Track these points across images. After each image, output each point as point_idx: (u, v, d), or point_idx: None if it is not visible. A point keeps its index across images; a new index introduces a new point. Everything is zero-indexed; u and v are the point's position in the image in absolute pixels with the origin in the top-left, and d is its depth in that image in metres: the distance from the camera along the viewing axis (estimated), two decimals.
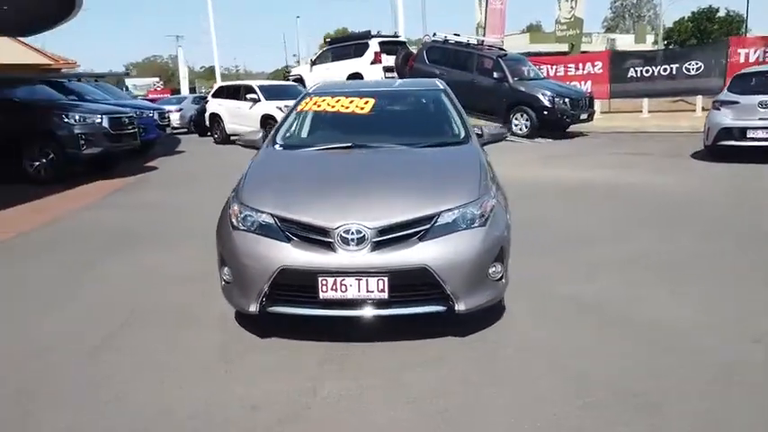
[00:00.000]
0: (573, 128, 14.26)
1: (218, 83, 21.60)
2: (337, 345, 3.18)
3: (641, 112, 16.73)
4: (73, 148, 9.25)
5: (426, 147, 3.93)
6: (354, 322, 3.17)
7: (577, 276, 4.23)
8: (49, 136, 9.22)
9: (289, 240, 3.09)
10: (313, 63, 18.12)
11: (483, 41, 14.56)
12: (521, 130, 13.51)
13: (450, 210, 3.15)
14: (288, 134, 4.24)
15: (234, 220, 3.26)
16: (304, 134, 4.34)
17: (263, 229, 3.15)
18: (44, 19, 21.91)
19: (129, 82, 47.25)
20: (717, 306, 3.62)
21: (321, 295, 3.01)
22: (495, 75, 13.62)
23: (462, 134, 4.09)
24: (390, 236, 3.04)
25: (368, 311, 3.05)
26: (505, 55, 14.17)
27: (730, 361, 2.91)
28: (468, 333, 3.29)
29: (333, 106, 4.37)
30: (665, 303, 3.67)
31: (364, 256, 2.99)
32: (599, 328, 3.34)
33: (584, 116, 13.69)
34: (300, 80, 18.26)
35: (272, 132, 4.24)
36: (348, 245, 3.00)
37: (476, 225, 3.17)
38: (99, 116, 9.60)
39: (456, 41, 14.88)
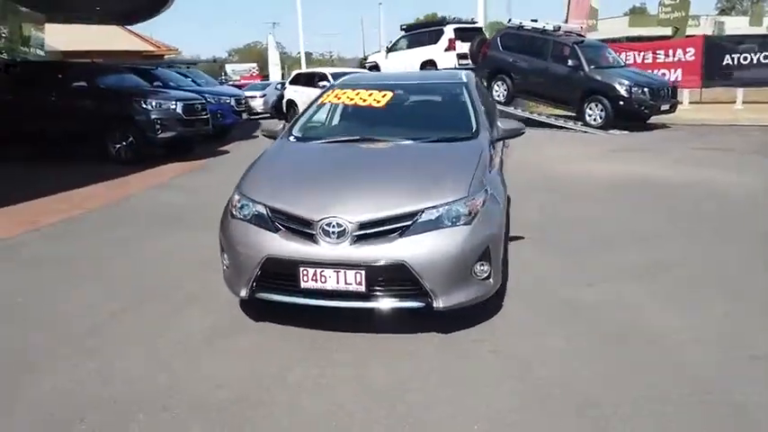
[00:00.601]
0: (656, 119, 13.48)
1: (303, 69, 22.24)
2: (323, 333, 3.30)
3: (735, 103, 15.47)
4: (150, 132, 9.93)
5: (433, 142, 3.93)
6: (347, 313, 3.26)
7: (591, 281, 4.08)
8: (129, 120, 9.95)
9: (277, 230, 3.23)
10: (389, 50, 18.20)
11: (559, 27, 13.97)
12: (595, 120, 12.94)
13: (433, 207, 3.17)
14: (304, 126, 4.38)
15: (232, 209, 3.45)
16: (319, 126, 4.46)
17: (257, 219, 3.32)
18: (143, 9, 23.61)
19: (228, 68, 49.58)
20: (731, 331, 3.40)
21: (302, 285, 3.14)
22: (570, 62, 13.08)
23: (473, 129, 4.04)
24: (371, 231, 3.11)
25: (346, 303, 3.14)
26: (582, 41, 13.55)
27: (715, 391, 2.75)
28: (452, 330, 3.30)
29: (351, 99, 4.46)
30: (677, 322, 3.44)
31: (344, 250, 3.08)
32: (587, 339, 3.23)
33: (665, 107, 12.88)
34: (376, 67, 18.42)
35: (290, 124, 4.40)
36: (329, 237, 3.10)
37: (461, 223, 3.18)
38: (174, 102, 10.23)
39: (531, 28, 14.41)
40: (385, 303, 3.14)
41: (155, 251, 4.99)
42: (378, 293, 3.12)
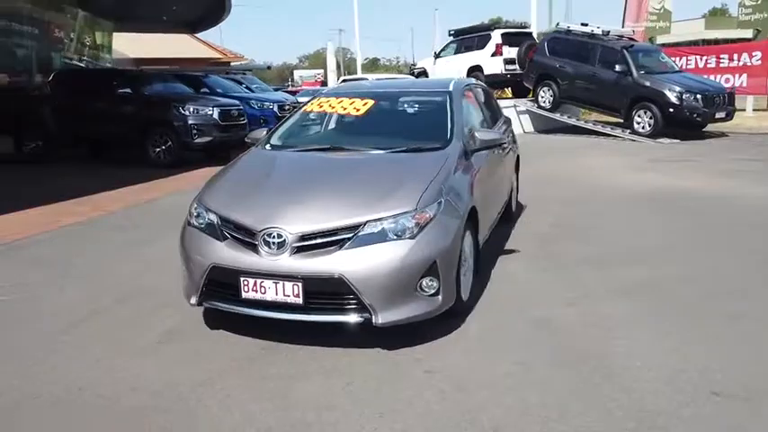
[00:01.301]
0: (714, 127, 12.73)
1: (349, 76, 22.43)
2: (270, 344, 3.26)
3: None
4: (187, 137, 10.27)
5: (401, 152, 3.83)
6: (300, 324, 3.19)
7: (573, 300, 3.86)
8: (168, 125, 10.33)
9: (224, 239, 3.24)
10: (436, 56, 18.07)
11: (609, 32, 13.42)
12: (643, 128, 12.34)
13: (377, 220, 3.08)
14: (282, 134, 4.38)
15: (189, 217, 3.48)
16: (296, 135, 4.43)
17: (208, 228, 3.34)
18: (205, 18, 24.70)
19: (296, 74, 50.67)
20: (704, 364, 3.12)
21: (243, 295, 3.12)
22: (618, 67, 12.52)
23: (446, 139, 3.91)
24: (311, 242, 3.06)
25: (285, 315, 3.11)
26: (632, 46, 12.94)
27: None
28: (399, 346, 3.19)
29: (333, 107, 4.43)
30: (646, 351, 3.18)
31: (283, 261, 3.04)
32: (542, 364, 3.04)
33: (720, 115, 12.11)
34: (424, 73, 18.32)
35: (270, 132, 4.42)
36: (269, 248, 3.08)
37: (406, 236, 3.08)
38: (211, 108, 10.54)
39: (580, 32, 13.92)
40: (323, 317, 3.09)
41: (156, 254, 5.11)
42: (316, 306, 3.07)
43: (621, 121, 13.20)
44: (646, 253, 4.84)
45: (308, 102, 4.67)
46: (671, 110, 11.80)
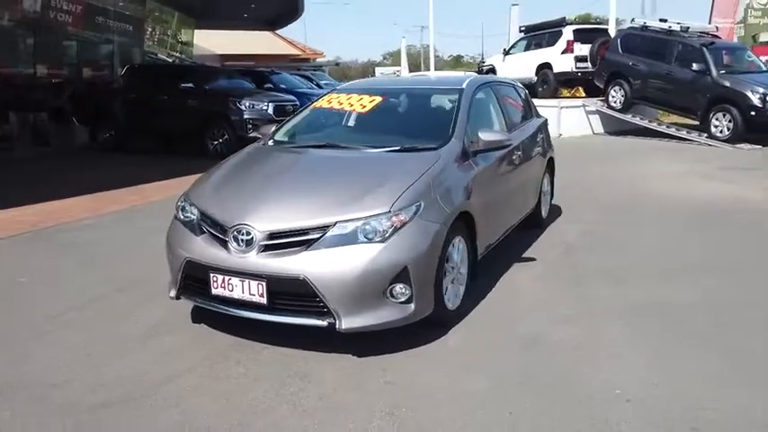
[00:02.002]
0: None
1: (420, 72, 22.26)
2: (245, 342, 3.24)
3: None
4: (242, 131, 10.54)
5: (394, 151, 3.69)
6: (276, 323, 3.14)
7: (573, 317, 3.59)
8: (225, 119, 10.66)
9: (201, 234, 3.24)
10: (506, 53, 17.55)
11: (688, 28, 12.48)
12: (721, 132, 11.42)
13: (347, 221, 2.98)
14: (287, 130, 4.34)
15: (176, 210, 3.52)
16: (299, 131, 4.38)
17: (190, 222, 3.35)
18: (282, 16, 25.48)
19: (378, 70, 51.28)
20: (689, 395, 2.79)
21: (212, 291, 3.11)
22: (696, 66, 11.63)
23: (443, 139, 3.72)
24: (279, 241, 3.00)
25: (250, 314, 3.06)
26: (712, 43, 11.98)
27: None
28: (369, 354, 3.08)
29: (341, 104, 4.34)
30: (630, 377, 2.92)
31: (249, 259, 3.00)
32: (514, 384, 2.83)
33: None
34: (492, 70, 17.86)
35: (276, 127, 4.39)
36: (239, 245, 3.04)
37: (376, 239, 2.95)
38: (266, 103, 10.78)
39: (657, 28, 13.06)
40: (287, 318, 3.02)
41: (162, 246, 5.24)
42: (280, 307, 3.01)
43: (698, 124, 12.29)
44: (674, 272, 4.43)
45: (320, 98, 4.61)
46: (752, 113, 10.84)
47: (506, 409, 2.59)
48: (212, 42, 28.49)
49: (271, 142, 4.22)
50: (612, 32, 15.28)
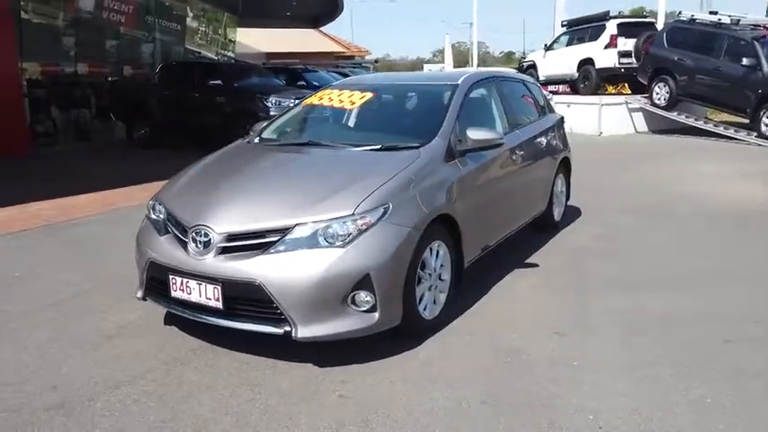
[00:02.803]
0: None
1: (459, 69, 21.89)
2: (208, 347, 3.12)
3: None
4: None
5: (373, 150, 3.49)
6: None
7: (560, 329, 3.33)
8: (252, 116, 10.64)
9: (165, 234, 3.14)
10: (547, 48, 16.99)
11: (739, 20, 11.71)
12: None
13: (307, 223, 2.81)
14: (274, 127, 4.21)
15: (147, 210, 3.43)
16: (286, 128, 4.23)
17: (157, 222, 3.26)
18: (323, 14, 25.66)
19: (426, 67, 51.00)
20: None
21: (172, 293, 3.01)
22: (746, 61, 10.90)
23: (427, 138, 3.50)
24: (237, 243, 2.86)
25: (207, 319, 2.94)
26: (765, 37, 11.19)
27: None
28: (330, 364, 2.91)
29: (331, 100, 4.17)
30: (619, 402, 2.66)
31: (207, 261, 2.88)
32: (479, 403, 2.61)
33: None
34: (533, 66, 17.36)
35: (266, 124, 4.27)
36: (197, 246, 2.93)
37: (337, 244, 2.77)
38: (292, 100, 10.70)
39: (706, 21, 12.32)
40: (243, 325, 2.87)
41: None
42: (237, 312, 2.87)
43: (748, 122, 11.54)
44: (690, 281, 4.08)
45: (312, 94, 4.46)
46: None
47: (458, 430, 2.37)
48: (259, 40, 28.88)
49: (257, 140, 4.09)
50: (660, 27, 14.56)
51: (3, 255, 4.97)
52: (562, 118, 5.64)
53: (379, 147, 3.50)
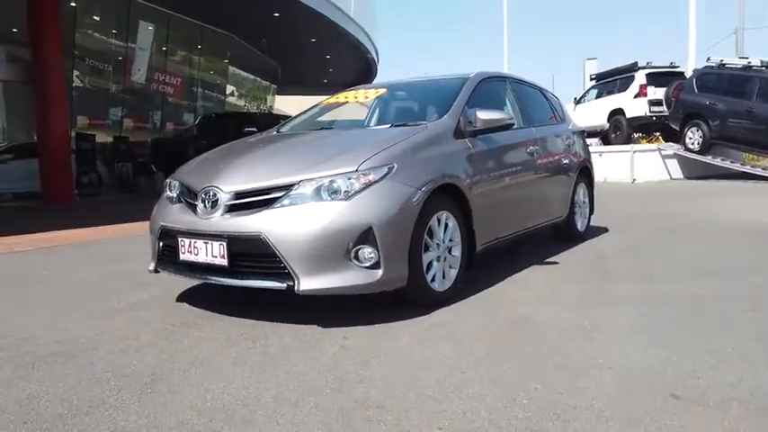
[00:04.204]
0: None
1: None
2: (213, 315, 3.11)
3: None
4: None
5: (381, 127, 3.55)
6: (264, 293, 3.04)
7: (573, 305, 3.21)
8: None
9: (178, 203, 3.22)
10: (577, 102, 17.16)
11: None
12: None
13: (311, 179, 2.85)
14: (292, 124, 4.32)
15: (164, 188, 3.54)
16: (302, 122, 4.33)
17: (171, 197, 3.34)
18: (357, 80, 26.82)
19: None
20: None
21: (180, 257, 3.04)
22: None
23: (435, 117, 3.55)
24: (243, 201, 2.91)
25: (214, 279, 2.95)
26: None
27: None
28: (335, 325, 2.85)
29: (347, 97, 4.31)
30: (629, 354, 2.53)
31: (214, 220, 2.92)
32: (486, 351, 2.51)
33: None
34: None
35: (283, 122, 4.40)
36: (205, 206, 2.98)
37: (339, 198, 2.79)
38: None
39: (737, 65, 12.32)
40: (248, 281, 2.87)
41: None
42: (242, 270, 2.87)
43: None
44: (716, 273, 3.90)
45: (330, 96, 4.61)
46: None
47: (459, 370, 2.27)
48: (297, 109, 30.12)
49: (274, 132, 4.22)
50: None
51: (36, 261, 5.13)
52: (582, 131, 5.64)
53: (388, 126, 3.57)
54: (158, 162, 13.54)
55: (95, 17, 15.13)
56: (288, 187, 2.86)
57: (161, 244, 3.22)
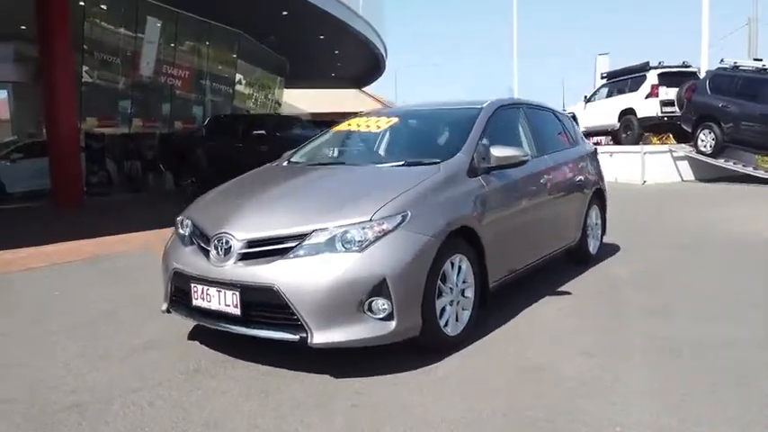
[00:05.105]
0: None
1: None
2: (225, 358, 3.11)
3: None
4: None
5: (395, 165, 3.53)
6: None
7: (589, 350, 3.18)
8: None
9: (190, 245, 3.21)
10: (587, 100, 16.98)
11: None
12: None
13: (324, 229, 2.83)
14: (304, 152, 4.29)
15: (175, 226, 3.52)
16: (314, 152, 4.30)
17: (183, 236, 3.33)
18: (365, 74, 26.70)
19: None
20: None
21: (193, 302, 3.04)
22: None
23: (449, 154, 3.51)
24: (256, 249, 2.90)
25: (227, 327, 2.94)
26: None
27: None
28: (348, 375, 2.84)
29: (359, 126, 4.27)
30: (645, 422, 2.50)
31: (227, 268, 2.91)
32: (495, 415, 2.49)
33: None
34: (573, 118, 17.31)
35: (294, 150, 4.37)
36: (218, 253, 2.97)
37: (353, 249, 2.77)
38: None
39: (750, 67, 12.15)
40: (261, 332, 2.87)
41: None
42: (254, 319, 2.87)
43: None
44: (730, 311, 3.85)
45: (341, 122, 4.57)
46: None
47: None
48: (304, 101, 30.04)
49: (285, 163, 4.20)
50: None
51: (50, 281, 5.14)
52: (595, 150, 5.58)
53: (402, 163, 3.54)
54: (167, 162, 13.56)
55: (103, 6, 15.04)
56: (301, 237, 2.85)
57: (174, 287, 3.22)
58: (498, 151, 3.56)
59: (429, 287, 2.93)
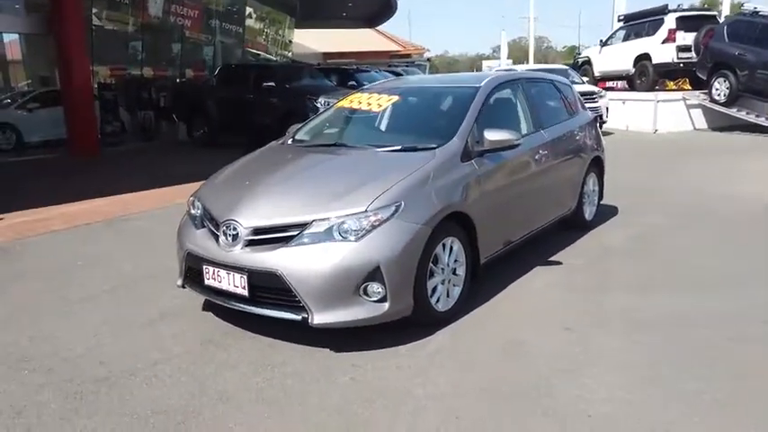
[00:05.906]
0: None
1: (526, 65, 21.72)
2: (233, 329, 3.42)
3: None
4: None
5: (394, 150, 3.70)
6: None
7: (570, 325, 3.44)
8: (303, 116, 11.02)
9: (201, 228, 3.46)
10: (603, 44, 16.64)
11: None
12: None
13: (323, 219, 3.06)
14: (308, 129, 4.47)
15: (187, 206, 3.77)
16: (318, 130, 4.48)
17: (195, 217, 3.59)
18: (378, 14, 26.02)
19: (485, 64, 50.82)
20: None
21: (205, 282, 3.32)
22: None
23: (444, 139, 3.67)
24: (261, 237, 3.15)
25: (236, 305, 3.23)
26: None
27: None
28: (347, 350, 3.14)
29: (360, 103, 4.41)
30: (619, 398, 2.77)
31: (234, 253, 3.17)
32: (475, 389, 2.78)
33: None
34: (588, 63, 17.07)
35: (299, 126, 4.54)
36: (227, 239, 3.22)
37: (350, 238, 3.01)
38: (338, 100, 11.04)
39: None
40: (267, 311, 3.16)
41: None
42: (261, 300, 3.15)
43: None
44: (715, 281, 4.07)
45: (345, 97, 4.71)
46: None
47: (455, 414, 2.56)
48: (316, 41, 29.51)
49: (290, 141, 4.38)
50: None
51: (72, 246, 5.47)
52: (595, 118, 5.68)
53: (398, 148, 3.71)
54: (179, 112, 13.69)
55: None
56: (302, 225, 3.08)
57: (187, 266, 3.50)
58: (492, 135, 3.71)
59: (420, 270, 3.17)
